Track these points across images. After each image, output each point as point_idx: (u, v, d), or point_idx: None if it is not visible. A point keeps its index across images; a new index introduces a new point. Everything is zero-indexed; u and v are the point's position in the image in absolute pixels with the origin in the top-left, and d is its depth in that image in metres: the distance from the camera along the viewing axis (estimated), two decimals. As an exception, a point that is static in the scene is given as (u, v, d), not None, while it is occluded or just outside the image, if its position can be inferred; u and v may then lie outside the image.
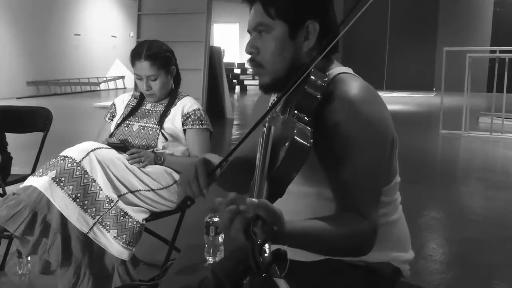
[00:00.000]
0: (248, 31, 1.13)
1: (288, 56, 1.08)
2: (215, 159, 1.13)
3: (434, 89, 13.73)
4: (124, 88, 15.25)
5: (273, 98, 1.22)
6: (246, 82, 15.18)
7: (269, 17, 1.07)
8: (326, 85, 1.01)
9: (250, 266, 0.70)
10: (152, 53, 2.07)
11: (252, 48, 1.10)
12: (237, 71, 15.31)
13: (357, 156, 0.99)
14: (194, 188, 1.07)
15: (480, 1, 13.89)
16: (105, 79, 15.25)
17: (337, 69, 1.10)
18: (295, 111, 0.97)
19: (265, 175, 0.87)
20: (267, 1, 1.07)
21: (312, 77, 1.00)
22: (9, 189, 2.22)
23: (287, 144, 0.88)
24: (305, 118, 0.96)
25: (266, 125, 1.01)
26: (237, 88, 15.12)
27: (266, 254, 0.70)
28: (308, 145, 0.89)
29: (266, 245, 0.71)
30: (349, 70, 1.12)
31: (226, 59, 9.20)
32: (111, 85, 15.49)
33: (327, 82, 1.02)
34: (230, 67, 14.15)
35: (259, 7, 1.08)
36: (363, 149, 0.99)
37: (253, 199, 0.78)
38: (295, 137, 0.88)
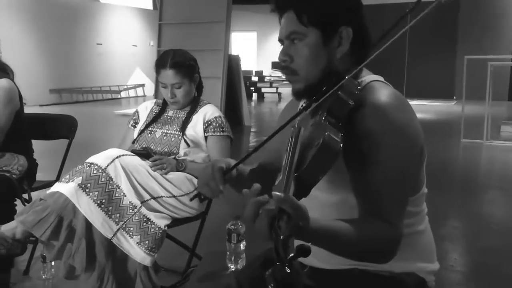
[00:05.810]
0: (280, 40, 1.13)
1: (322, 62, 1.08)
2: (232, 161, 1.14)
3: (454, 97, 13.53)
4: (144, 95, 15.41)
5: (301, 104, 1.22)
6: (263, 90, 15.20)
7: (302, 25, 1.07)
8: (358, 92, 1.02)
9: (273, 259, 0.70)
10: (176, 62, 2.11)
11: (285, 57, 1.10)
12: (254, 79, 15.35)
13: (385, 163, 0.99)
14: (212, 186, 1.08)
15: (501, 9, 13.68)
16: (125, 87, 15.44)
17: (368, 77, 1.11)
18: (327, 115, 0.97)
19: (292, 174, 0.87)
20: (301, 8, 1.07)
21: (346, 83, 1.00)
22: (34, 194, 2.26)
23: (317, 145, 0.88)
24: (336, 122, 0.97)
25: (296, 125, 1.02)
26: (255, 95, 15.14)
27: (289, 249, 0.70)
28: (338, 148, 0.89)
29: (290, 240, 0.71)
30: (380, 78, 1.12)
31: (243, 67, 9.24)
32: (132, 93, 15.66)
33: (360, 90, 1.03)
34: (247, 75, 14.19)
35: (292, 15, 1.08)
36: (392, 155, 0.99)
37: (279, 193, 0.78)
38: (325, 139, 0.89)
